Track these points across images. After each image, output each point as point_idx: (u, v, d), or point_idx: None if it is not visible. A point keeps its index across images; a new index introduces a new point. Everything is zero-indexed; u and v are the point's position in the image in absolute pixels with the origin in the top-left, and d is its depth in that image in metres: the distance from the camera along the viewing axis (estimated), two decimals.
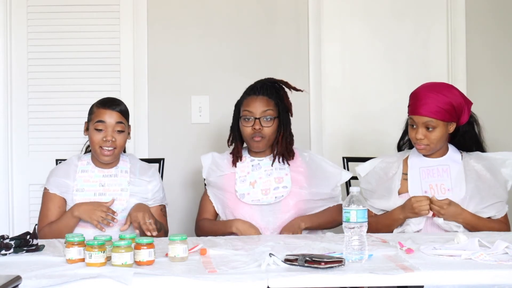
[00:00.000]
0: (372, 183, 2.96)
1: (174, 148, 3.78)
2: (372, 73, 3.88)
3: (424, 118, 2.79)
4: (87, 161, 2.96)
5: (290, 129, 3.04)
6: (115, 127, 2.87)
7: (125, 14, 3.79)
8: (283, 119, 3.00)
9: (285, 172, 3.00)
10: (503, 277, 1.98)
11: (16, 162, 3.78)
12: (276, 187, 2.97)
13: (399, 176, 2.91)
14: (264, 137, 2.96)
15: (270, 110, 2.97)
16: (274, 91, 3.01)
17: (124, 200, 2.88)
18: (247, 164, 3.03)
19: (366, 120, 3.87)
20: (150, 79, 3.81)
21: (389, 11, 3.88)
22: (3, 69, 3.75)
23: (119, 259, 2.09)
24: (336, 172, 3.07)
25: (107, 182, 2.91)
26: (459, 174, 2.85)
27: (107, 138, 2.85)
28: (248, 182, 2.98)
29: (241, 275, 1.99)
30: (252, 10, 3.84)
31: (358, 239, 2.13)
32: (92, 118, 2.91)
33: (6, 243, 2.31)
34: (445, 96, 2.80)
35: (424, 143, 2.82)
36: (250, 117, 2.96)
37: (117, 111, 2.89)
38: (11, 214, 3.75)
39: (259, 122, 2.95)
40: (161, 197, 3.00)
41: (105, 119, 2.87)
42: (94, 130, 2.88)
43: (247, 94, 3.02)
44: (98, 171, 2.93)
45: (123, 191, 2.90)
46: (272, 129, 2.97)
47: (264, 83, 3.03)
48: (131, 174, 2.94)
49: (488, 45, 3.87)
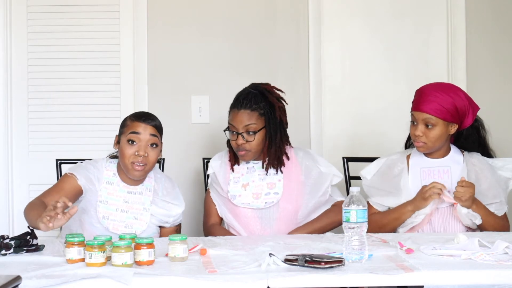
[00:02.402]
0: (377, 181, 2.96)
1: (174, 148, 3.78)
2: (372, 73, 3.88)
3: (424, 115, 2.79)
4: (113, 172, 2.82)
5: (281, 136, 2.96)
6: (149, 141, 2.73)
7: (125, 14, 3.79)
8: (271, 128, 2.93)
9: (278, 178, 2.96)
10: (503, 277, 1.98)
11: (16, 162, 3.78)
12: (268, 193, 2.94)
13: (406, 173, 2.91)
14: (249, 150, 2.91)
15: (252, 124, 2.89)
16: (260, 99, 2.93)
17: (144, 222, 2.78)
18: (242, 166, 3.00)
19: (366, 120, 3.87)
20: (150, 79, 3.81)
21: (389, 11, 3.88)
22: (3, 69, 3.75)
23: (119, 259, 2.09)
24: (328, 173, 3.00)
25: (131, 199, 2.79)
26: (461, 175, 2.84)
27: (140, 153, 2.70)
28: (240, 184, 2.96)
29: (241, 275, 1.99)
30: (252, 10, 3.84)
31: (358, 239, 2.13)
32: (125, 131, 2.76)
33: (6, 243, 2.31)
34: (449, 97, 2.79)
35: (422, 140, 2.82)
36: (233, 131, 2.92)
37: (152, 125, 2.75)
38: (11, 214, 3.75)
39: (241, 137, 2.90)
40: (180, 219, 2.93)
41: (139, 131, 2.73)
42: (126, 142, 2.73)
43: (232, 106, 2.96)
44: (124, 186, 2.80)
45: (145, 211, 2.79)
46: (257, 142, 2.90)
47: (248, 93, 2.96)
48: (154, 193, 2.83)
49: (488, 45, 3.87)
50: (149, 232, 2.80)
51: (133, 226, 2.76)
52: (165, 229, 2.88)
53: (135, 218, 2.77)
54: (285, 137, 3.01)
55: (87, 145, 3.71)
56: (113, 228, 2.74)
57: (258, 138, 2.91)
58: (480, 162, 2.89)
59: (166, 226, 2.87)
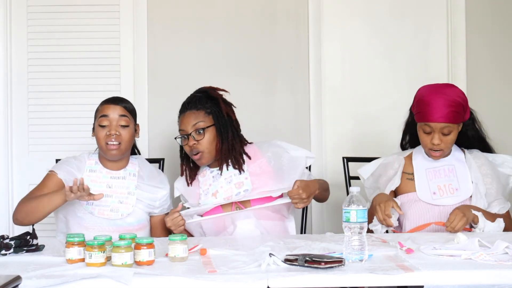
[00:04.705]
0: (372, 182, 2.97)
1: (174, 148, 3.78)
2: (372, 73, 3.88)
3: (441, 124, 2.77)
4: (96, 161, 2.92)
5: (234, 134, 2.93)
6: (118, 121, 2.83)
7: (125, 14, 3.79)
8: (220, 125, 2.91)
9: (245, 176, 2.93)
10: (503, 277, 1.98)
11: (16, 162, 3.79)
12: (238, 193, 2.90)
13: (399, 175, 2.91)
14: (203, 151, 2.89)
15: (200, 122, 2.88)
16: (204, 100, 2.93)
17: (130, 205, 2.85)
18: (207, 177, 2.97)
19: (366, 120, 3.87)
20: (150, 79, 3.81)
21: (389, 11, 3.88)
22: (3, 69, 3.76)
23: (119, 259, 2.09)
24: (301, 155, 2.99)
25: (115, 184, 2.88)
26: (464, 173, 2.85)
27: (111, 132, 2.81)
28: (210, 194, 2.93)
29: (241, 275, 1.99)
30: (252, 10, 3.84)
31: (358, 239, 2.13)
32: (97, 116, 2.88)
33: (6, 243, 2.31)
34: (454, 97, 2.78)
35: (441, 147, 2.81)
36: (183, 135, 2.91)
37: (120, 106, 2.86)
38: (11, 214, 3.74)
39: (192, 137, 2.88)
40: (168, 206, 2.99)
41: (108, 113, 2.84)
42: (98, 126, 2.85)
43: (179, 113, 2.97)
44: (106, 172, 2.90)
45: (130, 194, 2.87)
46: (207, 139, 2.89)
47: (192, 97, 2.96)
48: (139, 178, 2.91)
49: (488, 45, 3.87)
50: (138, 217, 2.86)
51: (119, 209, 2.83)
52: (154, 217, 2.95)
53: (120, 202, 2.84)
54: (239, 137, 2.97)
55: (87, 145, 3.69)
56: (98, 213, 2.81)
57: (209, 136, 2.89)
58: (481, 160, 2.89)
59: (155, 214, 2.93)
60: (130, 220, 2.84)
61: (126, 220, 2.83)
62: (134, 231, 2.74)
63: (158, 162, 3.42)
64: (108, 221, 2.82)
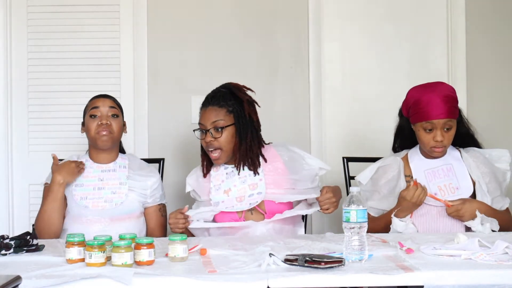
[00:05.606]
0: (372, 185, 2.95)
1: (174, 148, 3.78)
2: (372, 73, 3.88)
3: (443, 120, 2.78)
4: (86, 159, 2.99)
5: (253, 136, 2.89)
6: (109, 111, 2.92)
7: (125, 14, 3.79)
8: (241, 126, 2.87)
9: (259, 177, 2.90)
10: (503, 277, 1.98)
11: (16, 162, 3.79)
12: (251, 194, 2.88)
13: (403, 178, 2.90)
14: (220, 149, 2.86)
15: (220, 120, 2.84)
16: (228, 97, 2.88)
17: (123, 194, 2.90)
18: (221, 172, 2.94)
19: (366, 120, 3.87)
20: (150, 79, 3.81)
21: (389, 11, 3.88)
22: (3, 69, 3.76)
23: (119, 259, 2.09)
24: (315, 165, 2.97)
25: (106, 176, 2.93)
26: (462, 171, 2.86)
27: (102, 121, 2.89)
28: (222, 191, 2.91)
29: (241, 275, 1.99)
30: (252, 10, 3.84)
31: (358, 239, 2.13)
32: (87, 110, 2.96)
33: (6, 243, 2.31)
34: (448, 93, 2.81)
35: (444, 144, 2.82)
36: (202, 129, 2.88)
37: (109, 99, 2.97)
38: (11, 214, 3.76)
39: (210, 134, 2.85)
40: (160, 195, 3.01)
41: (98, 105, 2.93)
42: (89, 118, 2.92)
43: (201, 106, 2.93)
44: (97, 167, 2.96)
45: (122, 184, 2.92)
46: (225, 138, 2.85)
47: (217, 91, 2.94)
48: (129, 169, 2.97)
49: (488, 45, 3.87)
50: (131, 206, 2.91)
51: (112, 200, 2.89)
52: (148, 208, 2.98)
53: (113, 192, 2.91)
54: (257, 138, 2.93)
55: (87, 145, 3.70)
56: (93, 205, 2.87)
57: (227, 134, 2.86)
58: (479, 158, 2.89)
59: (148, 204, 2.97)
60: (124, 208, 2.88)
61: (119, 208, 2.87)
62: (128, 220, 2.85)
63: (158, 162, 3.42)
64: (103, 211, 2.86)
